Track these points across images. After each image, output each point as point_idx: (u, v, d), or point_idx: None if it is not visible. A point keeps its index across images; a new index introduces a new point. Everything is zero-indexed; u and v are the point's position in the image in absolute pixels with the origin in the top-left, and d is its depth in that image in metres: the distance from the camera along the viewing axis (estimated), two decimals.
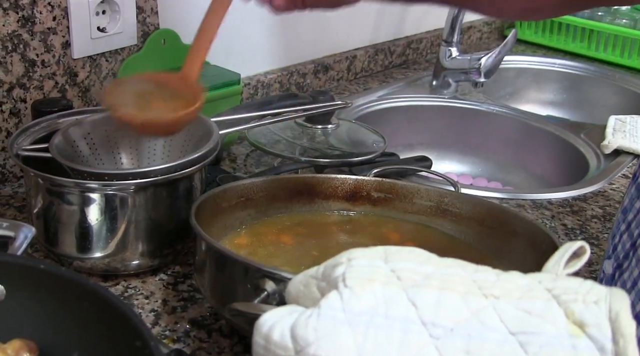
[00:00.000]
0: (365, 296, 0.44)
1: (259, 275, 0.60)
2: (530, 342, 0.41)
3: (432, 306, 0.43)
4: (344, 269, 0.46)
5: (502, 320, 0.42)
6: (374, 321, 0.43)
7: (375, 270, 0.45)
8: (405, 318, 0.43)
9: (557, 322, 0.41)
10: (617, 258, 0.76)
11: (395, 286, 0.44)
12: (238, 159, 1.06)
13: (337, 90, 1.36)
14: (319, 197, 0.84)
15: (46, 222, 0.76)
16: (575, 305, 0.42)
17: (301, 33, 1.29)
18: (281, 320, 0.45)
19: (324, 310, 0.44)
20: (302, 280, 0.49)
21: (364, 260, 0.46)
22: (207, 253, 0.67)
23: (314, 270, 0.48)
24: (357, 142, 1.09)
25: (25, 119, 0.92)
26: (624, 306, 0.41)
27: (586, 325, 0.41)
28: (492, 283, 0.44)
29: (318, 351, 0.43)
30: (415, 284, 0.44)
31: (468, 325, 0.42)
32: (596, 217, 0.99)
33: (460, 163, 1.38)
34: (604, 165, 1.17)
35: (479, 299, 0.43)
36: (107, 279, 0.77)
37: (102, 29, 0.96)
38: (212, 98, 0.99)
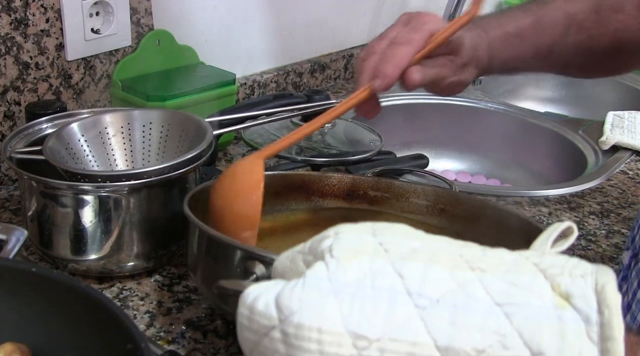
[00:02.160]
0: (351, 267, 0.44)
1: (247, 257, 0.59)
2: (515, 313, 0.41)
3: (419, 277, 0.43)
4: (331, 242, 0.46)
5: (488, 292, 0.42)
6: (360, 292, 0.43)
7: (363, 242, 0.45)
8: (392, 289, 0.42)
9: (543, 294, 0.41)
10: (634, 248, 0.77)
11: (382, 258, 0.44)
12: (234, 159, 1.06)
13: (334, 89, 1.35)
14: (315, 194, 0.84)
15: (40, 225, 0.76)
16: (561, 279, 0.42)
17: (297, 32, 1.29)
18: (266, 291, 0.45)
19: (309, 279, 0.44)
20: (288, 256, 0.49)
21: (352, 234, 0.46)
22: (199, 241, 0.67)
23: (300, 246, 0.48)
24: (354, 140, 1.09)
25: (19, 122, 0.91)
26: (610, 280, 0.41)
27: (572, 296, 0.41)
28: (479, 257, 0.44)
29: (302, 320, 0.42)
30: (402, 257, 0.44)
31: (454, 296, 0.42)
32: (594, 213, 0.99)
33: (459, 161, 1.37)
34: (602, 161, 1.17)
35: (466, 272, 0.43)
36: (102, 281, 0.77)
37: (96, 31, 0.96)
38: (208, 99, 0.99)
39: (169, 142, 0.84)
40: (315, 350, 0.42)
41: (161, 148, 0.84)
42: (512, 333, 0.40)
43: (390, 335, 0.41)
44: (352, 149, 1.05)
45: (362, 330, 0.42)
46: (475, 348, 0.40)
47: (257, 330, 0.44)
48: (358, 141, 1.08)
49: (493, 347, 0.40)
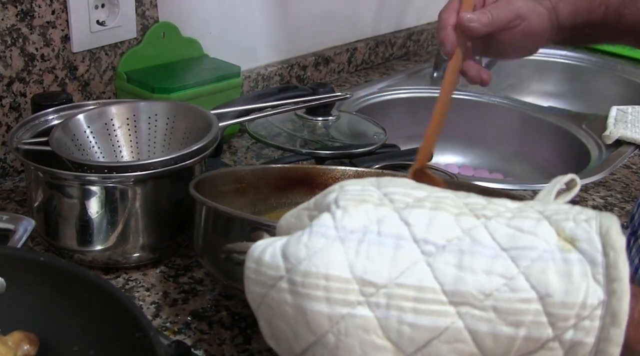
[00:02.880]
0: (357, 215, 0.44)
1: (253, 228, 0.59)
2: (521, 256, 0.41)
3: (424, 224, 0.43)
4: (336, 194, 0.46)
5: (493, 238, 0.42)
6: (366, 238, 0.43)
7: (368, 193, 0.46)
8: (397, 235, 0.43)
9: (548, 238, 0.42)
10: (633, 226, 0.78)
11: (387, 207, 0.45)
12: (239, 152, 1.06)
13: (338, 82, 1.35)
14: (319, 187, 0.84)
15: (47, 216, 0.76)
16: (566, 223, 0.42)
17: (301, 25, 1.29)
18: (272, 243, 0.45)
19: (315, 228, 0.44)
20: (293, 213, 0.49)
21: (357, 186, 0.47)
22: (205, 219, 0.67)
23: (305, 204, 0.48)
24: (358, 133, 1.09)
25: (25, 113, 0.92)
26: (614, 223, 0.42)
27: (577, 240, 0.41)
28: (483, 205, 0.45)
29: (309, 267, 0.43)
30: (408, 205, 0.45)
31: (460, 242, 0.42)
32: (597, 207, 0.99)
33: (462, 155, 1.37)
34: (606, 156, 1.17)
35: (471, 219, 0.44)
36: (108, 272, 0.77)
37: (101, 23, 0.96)
38: (213, 91, 0.99)
39: (174, 133, 0.84)
40: (323, 297, 0.42)
41: (166, 139, 0.85)
42: (518, 276, 0.41)
43: (397, 280, 0.42)
44: (356, 142, 1.05)
45: (368, 275, 0.42)
46: (482, 291, 0.41)
47: (264, 282, 0.45)
48: (362, 134, 1.09)
49: (500, 290, 0.41)
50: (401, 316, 0.41)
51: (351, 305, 0.42)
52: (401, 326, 0.41)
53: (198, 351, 0.66)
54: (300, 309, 0.43)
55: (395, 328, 0.42)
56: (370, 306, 0.42)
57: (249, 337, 0.68)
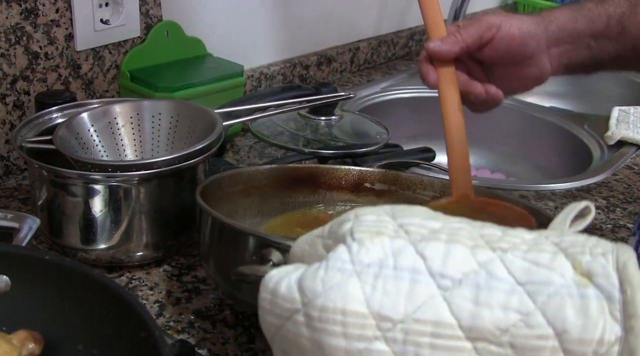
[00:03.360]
0: (373, 248, 0.44)
1: (264, 245, 0.59)
2: (538, 292, 0.41)
3: (440, 258, 0.43)
4: (351, 225, 0.46)
5: (509, 272, 0.42)
6: (383, 272, 0.43)
7: (384, 224, 0.46)
8: (414, 269, 0.43)
9: (565, 273, 0.42)
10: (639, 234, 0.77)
11: (403, 239, 0.45)
12: (241, 151, 1.06)
13: (340, 81, 1.35)
14: (322, 187, 0.84)
15: (50, 214, 0.76)
16: (582, 257, 0.42)
17: (304, 25, 1.29)
18: (287, 274, 0.45)
19: (332, 262, 0.44)
20: (307, 240, 0.49)
21: (372, 216, 0.47)
22: (212, 230, 0.67)
23: (319, 230, 0.48)
24: (361, 133, 1.09)
25: (29, 112, 0.92)
26: (631, 257, 0.41)
27: (594, 275, 0.41)
28: (499, 237, 0.45)
29: (326, 302, 0.43)
30: (423, 238, 0.45)
31: (476, 276, 0.42)
32: (600, 207, 0.99)
33: None
34: (608, 156, 1.17)
35: (487, 252, 0.44)
36: (111, 270, 0.77)
37: (105, 21, 0.96)
38: (216, 90, 0.99)
39: (178, 132, 0.84)
40: (340, 332, 0.42)
41: (170, 138, 0.85)
42: (535, 312, 0.41)
43: (414, 315, 0.42)
44: (359, 142, 1.05)
45: (385, 310, 0.42)
46: (499, 327, 0.41)
47: (280, 313, 0.45)
48: (365, 133, 1.09)
49: (517, 326, 0.41)
50: (418, 352, 0.42)
51: (368, 340, 0.42)
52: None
53: (202, 350, 0.66)
54: (318, 343, 0.43)
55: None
56: (387, 341, 0.42)
57: (253, 336, 0.68)
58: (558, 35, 0.75)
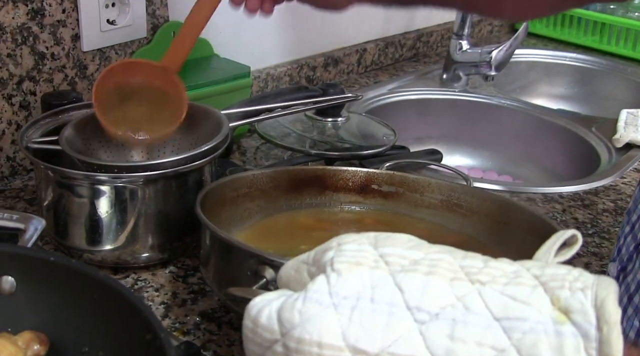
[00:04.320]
0: (352, 280, 0.44)
1: (258, 261, 0.60)
2: (514, 328, 0.41)
3: (418, 291, 0.43)
4: (333, 254, 0.46)
5: (487, 306, 0.42)
6: (360, 305, 0.43)
7: (364, 254, 0.46)
8: (391, 303, 0.43)
9: (542, 308, 0.41)
10: (621, 261, 0.75)
11: (382, 270, 0.44)
12: (248, 152, 1.06)
13: (347, 83, 1.35)
14: (329, 189, 0.84)
15: (56, 215, 0.76)
16: (561, 292, 0.41)
17: (311, 26, 1.29)
18: (269, 303, 0.45)
19: (310, 293, 0.44)
20: (293, 265, 0.49)
21: (353, 245, 0.46)
22: (210, 241, 0.68)
23: (305, 256, 0.49)
24: (368, 135, 1.09)
25: (35, 112, 0.92)
26: (610, 293, 0.41)
27: (571, 311, 0.40)
28: (479, 269, 0.44)
29: (303, 334, 0.43)
30: (403, 269, 0.44)
31: (453, 310, 0.42)
32: (607, 210, 0.99)
33: (471, 157, 1.37)
34: (616, 159, 1.17)
35: (465, 284, 0.43)
36: (117, 272, 0.77)
37: (111, 22, 0.96)
38: (222, 91, 0.99)
39: (185, 134, 0.84)
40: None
41: (177, 140, 0.84)
42: (510, 349, 0.40)
43: (389, 349, 0.41)
44: (366, 143, 1.04)
45: (361, 344, 0.42)
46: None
47: (260, 343, 0.45)
48: (372, 135, 1.08)
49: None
50: None
51: None
52: None
53: (207, 352, 0.66)
54: None
55: None
56: None
57: None
58: None
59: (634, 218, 0.74)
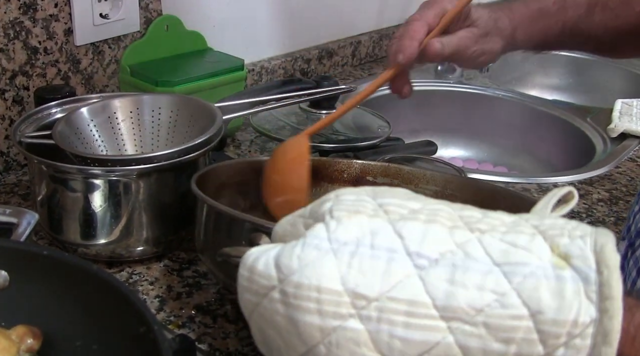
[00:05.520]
0: (351, 226, 0.44)
1: (252, 229, 0.59)
2: (514, 272, 0.41)
3: (418, 237, 0.43)
4: (331, 204, 0.46)
5: (487, 252, 0.42)
6: (359, 251, 0.43)
7: (363, 204, 0.46)
8: (390, 249, 0.43)
9: (542, 254, 0.41)
10: (630, 238, 0.76)
11: (381, 218, 0.44)
12: (242, 145, 1.06)
13: (342, 75, 1.35)
14: (324, 180, 0.84)
15: (50, 209, 0.76)
16: (560, 239, 0.42)
17: (305, 18, 1.28)
18: (266, 252, 0.45)
19: (309, 239, 0.44)
20: (289, 220, 0.49)
21: (352, 196, 0.47)
22: (206, 215, 0.67)
23: (301, 210, 0.48)
24: (362, 127, 1.08)
25: (28, 107, 0.91)
26: (609, 241, 0.41)
27: (571, 257, 0.41)
28: (478, 219, 0.45)
29: (301, 279, 0.43)
30: (402, 217, 0.44)
31: (453, 256, 0.42)
32: (602, 200, 0.99)
33: (466, 149, 1.37)
34: (611, 149, 1.17)
35: (465, 232, 0.43)
36: (111, 266, 0.77)
37: (104, 16, 0.95)
38: (216, 84, 0.98)
39: (178, 127, 0.84)
40: (314, 309, 0.42)
41: (170, 133, 0.84)
42: (510, 292, 0.40)
43: (389, 294, 0.41)
44: (361, 135, 1.04)
45: (360, 288, 0.42)
46: (473, 306, 0.40)
47: (256, 290, 0.45)
48: (366, 127, 1.08)
49: (491, 306, 0.40)
50: (392, 330, 0.41)
51: (343, 318, 0.42)
52: (392, 340, 0.41)
53: (202, 345, 0.65)
54: (292, 320, 0.43)
55: (386, 342, 0.41)
56: (361, 319, 0.42)
57: None
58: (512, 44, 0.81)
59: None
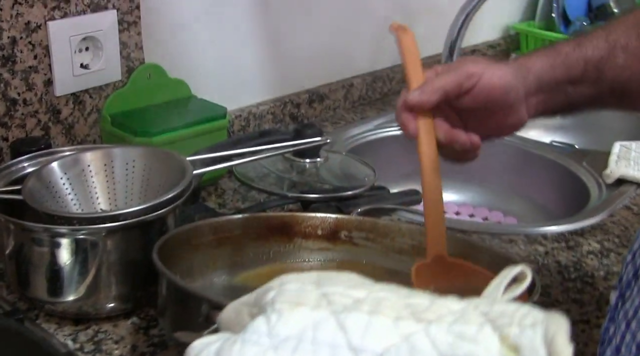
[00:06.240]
0: (292, 320, 0.43)
1: (209, 307, 0.59)
2: None
3: (361, 330, 0.42)
4: (274, 293, 0.45)
5: (433, 345, 0.41)
6: (300, 347, 0.41)
7: (305, 294, 0.44)
8: (333, 344, 0.41)
9: (491, 346, 0.40)
10: (621, 288, 0.74)
11: (324, 310, 0.43)
12: (225, 194, 1.05)
13: (333, 119, 1.34)
14: (298, 235, 0.83)
15: (18, 265, 0.75)
16: (510, 329, 0.40)
17: (295, 62, 1.27)
18: (207, 346, 0.44)
19: (248, 335, 0.43)
20: (234, 307, 0.48)
21: (296, 284, 0.45)
22: (166, 288, 0.67)
23: (247, 297, 0.47)
24: (349, 175, 1.07)
25: (7, 158, 0.91)
26: (561, 329, 0.39)
27: (521, 348, 0.39)
28: (426, 307, 0.43)
29: None
30: (346, 308, 0.43)
31: (398, 350, 0.41)
32: (592, 252, 0.96)
33: (461, 193, 1.35)
34: (606, 195, 1.14)
35: (411, 323, 0.42)
36: (78, 323, 0.76)
37: (85, 66, 0.96)
38: (196, 134, 0.98)
39: (151, 180, 0.83)
40: None
41: (144, 186, 0.84)
42: None
43: None
44: (347, 184, 1.03)
45: None
46: None
47: None
48: (353, 175, 1.07)
49: None
50: None
51: None
52: None
53: None
54: None
55: None
56: None
57: None
58: (536, 85, 0.73)
59: (635, 245, 0.73)
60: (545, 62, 0.74)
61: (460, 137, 0.72)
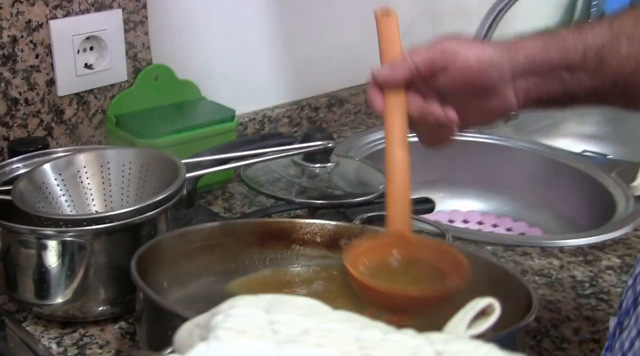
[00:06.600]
0: (231, 350, 0.40)
1: (180, 322, 0.56)
2: None
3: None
4: (221, 318, 0.42)
5: None
6: None
7: (251, 321, 0.41)
8: None
9: None
10: (619, 315, 0.69)
11: (267, 340, 0.40)
12: (233, 198, 1.02)
13: (354, 124, 1.30)
14: (296, 242, 0.80)
15: (6, 267, 0.74)
16: None
17: (313, 64, 1.24)
18: None
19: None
20: (187, 328, 0.45)
21: (243, 310, 0.42)
22: (143, 299, 0.66)
23: (200, 318, 0.45)
24: (362, 181, 1.04)
25: (7, 158, 0.91)
26: None
27: None
28: (376, 342, 0.40)
29: None
30: (291, 339, 0.40)
31: None
32: (612, 267, 0.91)
33: (484, 202, 1.30)
34: (633, 208, 1.08)
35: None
36: (65, 326, 0.74)
37: (89, 66, 0.95)
38: (202, 136, 0.96)
39: (147, 182, 0.82)
40: None
41: (140, 188, 0.82)
42: None
43: None
44: (360, 190, 1.00)
45: None
46: None
47: None
48: (365, 182, 1.03)
49: None
50: None
51: None
52: None
53: None
54: None
55: None
56: None
57: None
58: (526, 66, 0.68)
59: (637, 269, 0.67)
60: (539, 42, 0.68)
61: (435, 110, 0.68)
